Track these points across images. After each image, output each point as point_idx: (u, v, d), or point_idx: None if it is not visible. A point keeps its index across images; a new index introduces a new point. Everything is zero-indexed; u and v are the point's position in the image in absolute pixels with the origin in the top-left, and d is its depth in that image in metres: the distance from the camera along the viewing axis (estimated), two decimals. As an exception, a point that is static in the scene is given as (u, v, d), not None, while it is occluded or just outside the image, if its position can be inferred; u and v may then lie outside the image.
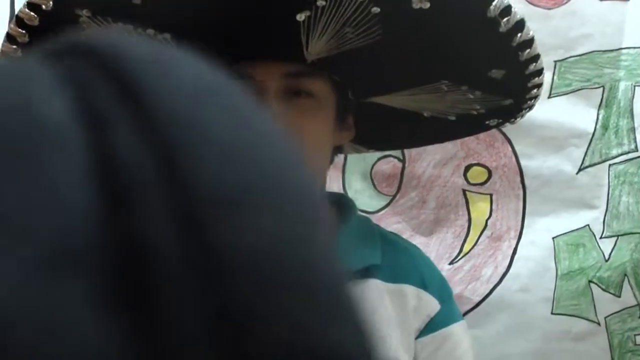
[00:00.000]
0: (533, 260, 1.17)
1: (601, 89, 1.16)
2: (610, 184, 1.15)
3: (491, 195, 1.19)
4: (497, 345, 1.15)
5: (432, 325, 0.86)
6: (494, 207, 1.19)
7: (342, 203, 0.92)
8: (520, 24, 0.72)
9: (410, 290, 0.86)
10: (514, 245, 1.18)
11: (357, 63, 0.78)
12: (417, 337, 0.86)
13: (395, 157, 1.20)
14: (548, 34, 1.14)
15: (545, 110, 1.14)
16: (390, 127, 0.95)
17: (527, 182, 1.17)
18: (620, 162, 1.15)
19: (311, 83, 0.80)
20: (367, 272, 0.85)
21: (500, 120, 0.93)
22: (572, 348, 1.14)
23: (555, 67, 1.15)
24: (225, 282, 0.22)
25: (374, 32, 0.72)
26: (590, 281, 1.15)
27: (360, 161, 1.20)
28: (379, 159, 1.20)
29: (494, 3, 0.69)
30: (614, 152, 1.15)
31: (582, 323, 1.15)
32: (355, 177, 1.20)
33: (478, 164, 1.18)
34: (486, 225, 1.19)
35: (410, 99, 0.87)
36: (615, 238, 1.15)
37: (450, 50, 0.76)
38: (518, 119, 0.94)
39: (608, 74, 1.16)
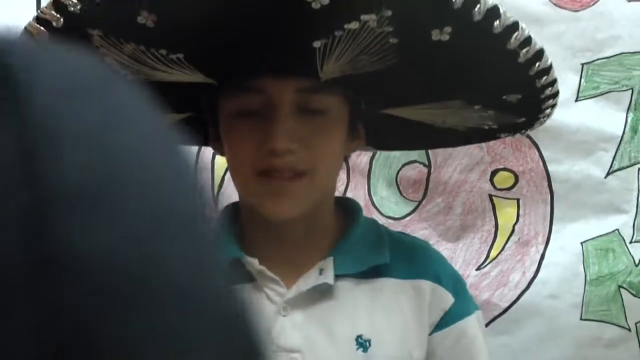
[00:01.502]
0: (562, 266, 1.15)
1: (630, 91, 1.15)
2: (640, 188, 1.14)
3: (518, 200, 1.18)
4: (527, 351, 1.14)
5: (447, 319, 0.86)
6: (521, 212, 1.18)
7: (348, 206, 0.92)
8: (539, 54, 0.72)
9: (426, 285, 0.85)
10: (541, 251, 1.17)
11: (370, 83, 0.78)
12: (432, 332, 0.85)
13: (420, 162, 1.19)
14: (575, 36, 1.13)
15: (573, 114, 1.13)
16: (401, 133, 0.95)
17: (555, 186, 1.16)
18: (651, 165, 1.13)
19: (324, 99, 0.80)
20: (378, 272, 0.85)
21: (512, 133, 0.94)
22: (604, 355, 1.13)
23: (582, 70, 1.14)
24: (62, 276, 0.22)
25: (389, 59, 0.73)
26: (620, 286, 1.14)
27: (385, 167, 1.19)
28: (404, 165, 1.19)
29: (514, 35, 0.69)
30: (644, 155, 1.13)
31: (612, 329, 1.14)
32: (381, 184, 1.19)
33: (505, 169, 1.17)
34: (513, 230, 1.18)
35: (422, 112, 0.87)
36: (645, 243, 1.14)
37: (467, 76, 0.76)
38: (528, 131, 0.94)
39: (637, 76, 1.14)
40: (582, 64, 1.14)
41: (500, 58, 0.71)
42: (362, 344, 0.82)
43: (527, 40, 0.70)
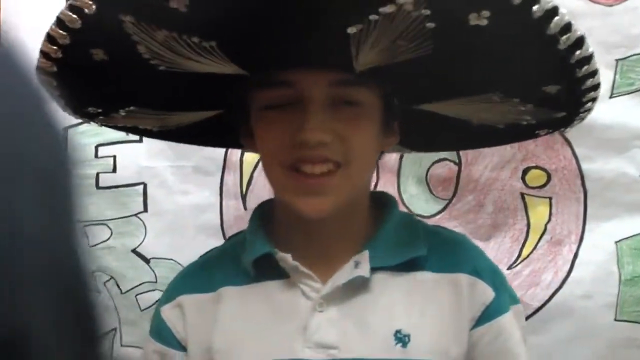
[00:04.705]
0: (595, 265, 1.13)
1: (665, 87, 1.12)
2: (676, 186, 1.11)
3: (550, 198, 1.16)
4: (559, 352, 1.12)
5: (488, 314, 0.83)
6: (553, 210, 1.16)
7: (382, 200, 0.91)
8: (580, 41, 0.68)
9: (464, 278, 0.83)
10: (574, 250, 1.15)
11: (406, 73, 0.76)
12: (473, 327, 0.83)
13: (451, 160, 1.17)
14: (609, 31, 1.11)
15: (607, 111, 1.11)
16: (436, 132, 0.93)
17: (588, 185, 1.14)
18: (686, 163, 1.11)
19: (357, 92, 0.79)
20: (415, 265, 0.84)
21: (550, 130, 0.90)
22: (638, 356, 1.11)
23: (617, 66, 1.12)
24: None
25: (426, 45, 0.70)
26: (655, 287, 1.11)
27: (415, 165, 1.18)
28: (434, 163, 1.18)
29: (554, 20, 0.65)
30: (679, 153, 1.11)
31: (647, 330, 1.12)
32: (410, 181, 1.18)
33: (537, 167, 1.15)
34: (545, 229, 1.16)
35: (459, 107, 0.85)
36: (681, 242, 1.11)
37: (505, 65, 0.73)
38: (568, 130, 0.91)
39: (673, 72, 1.12)
40: (617, 60, 1.12)
41: (539, 45, 0.68)
42: (401, 339, 0.80)
43: (568, 26, 0.66)
